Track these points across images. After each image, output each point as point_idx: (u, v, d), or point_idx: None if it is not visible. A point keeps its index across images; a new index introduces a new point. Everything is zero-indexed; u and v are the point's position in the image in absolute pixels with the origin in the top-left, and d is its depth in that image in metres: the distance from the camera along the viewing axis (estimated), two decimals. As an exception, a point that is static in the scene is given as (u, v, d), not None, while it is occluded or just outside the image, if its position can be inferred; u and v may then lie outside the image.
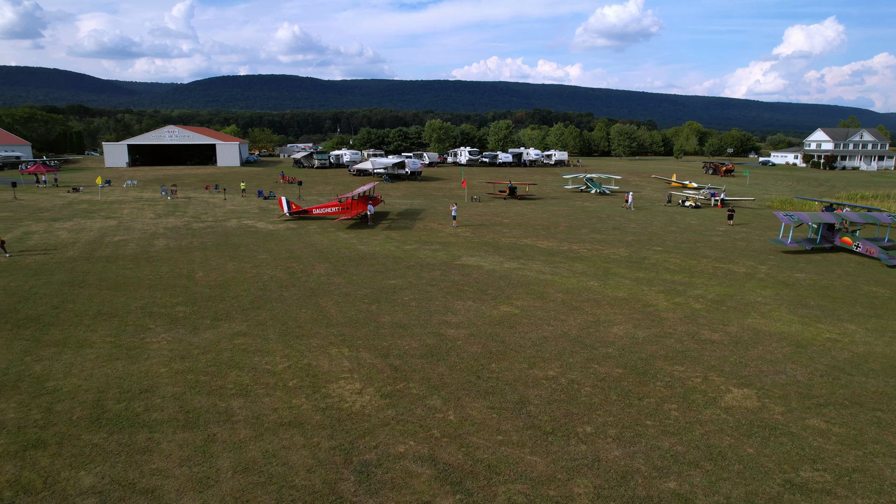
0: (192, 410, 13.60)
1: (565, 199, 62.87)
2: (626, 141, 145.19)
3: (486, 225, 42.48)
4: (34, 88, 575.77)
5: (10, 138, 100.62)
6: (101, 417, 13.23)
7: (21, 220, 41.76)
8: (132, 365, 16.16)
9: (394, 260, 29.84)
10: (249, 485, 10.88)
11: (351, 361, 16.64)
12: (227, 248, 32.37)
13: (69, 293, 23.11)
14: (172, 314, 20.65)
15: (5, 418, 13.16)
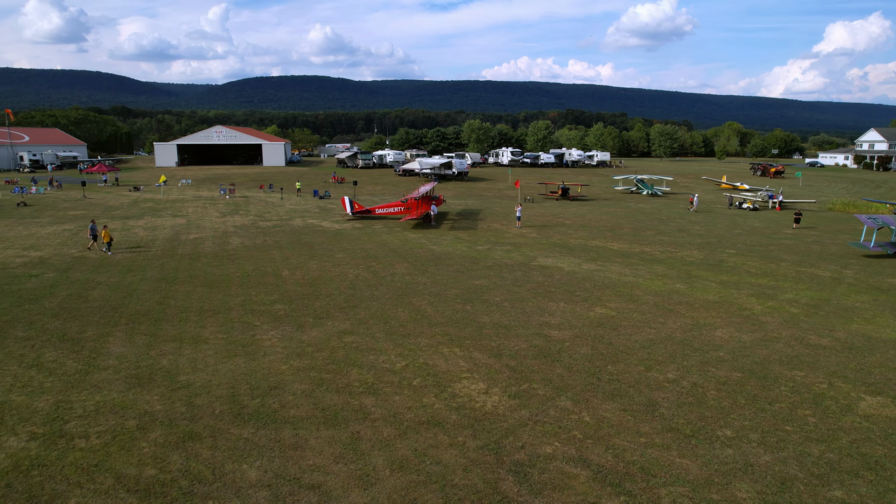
0: (328, 408, 13.76)
1: (618, 200, 62.26)
2: (667, 142, 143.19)
3: (549, 226, 42.28)
4: (78, 91, 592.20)
5: (68, 139, 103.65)
6: (242, 412, 13.47)
7: (97, 218, 42.90)
8: (252, 362, 16.43)
9: (470, 260, 29.87)
10: (411, 483, 10.96)
11: (466, 361, 16.68)
12: (302, 246, 32.79)
13: (167, 290, 23.65)
14: (273, 311, 20.97)
15: (153, 410, 13.50)
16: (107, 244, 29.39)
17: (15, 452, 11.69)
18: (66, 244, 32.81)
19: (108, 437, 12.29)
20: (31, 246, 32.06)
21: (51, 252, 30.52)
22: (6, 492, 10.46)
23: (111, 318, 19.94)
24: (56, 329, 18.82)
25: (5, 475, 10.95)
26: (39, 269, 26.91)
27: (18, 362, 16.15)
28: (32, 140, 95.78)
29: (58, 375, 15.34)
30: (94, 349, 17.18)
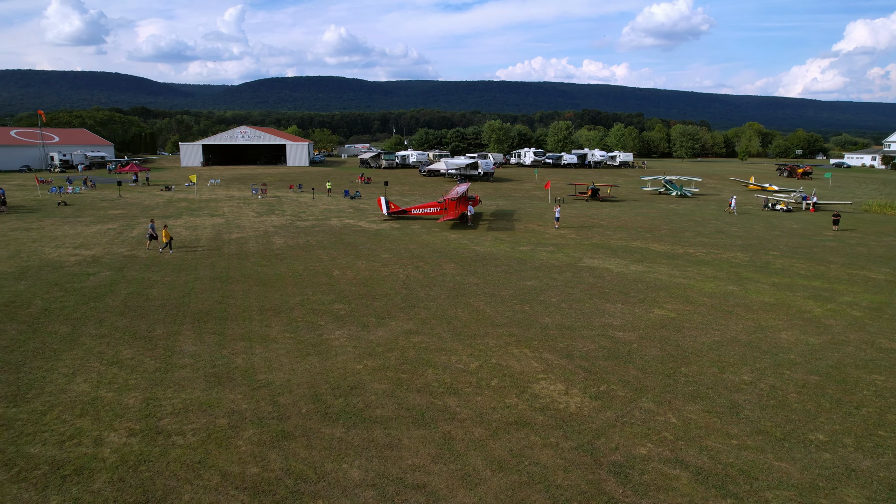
0: (413, 408, 13.80)
1: (648, 201, 61.89)
2: (688, 142, 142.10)
3: (586, 227, 42.12)
4: (97, 92, 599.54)
5: (96, 139, 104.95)
6: (328, 412, 13.55)
7: (135, 217, 43.42)
8: (326, 361, 16.52)
9: (517, 261, 29.83)
10: (515, 483, 10.97)
11: (539, 362, 16.66)
12: (345, 246, 32.93)
13: (224, 289, 23.84)
14: (334, 311, 21.07)
15: (240, 409, 13.62)
16: (166, 243, 29.67)
17: (118, 448, 11.84)
18: (113, 242, 33.19)
19: (203, 435, 12.40)
20: (81, 245, 32.48)
21: (101, 251, 30.89)
22: (120, 486, 10.61)
23: (176, 317, 20.13)
24: (126, 327, 19.04)
25: (115, 469, 11.10)
26: (94, 267, 27.24)
27: (99, 359, 16.36)
28: (62, 140, 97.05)
29: (139, 373, 15.51)
30: (167, 347, 17.36)
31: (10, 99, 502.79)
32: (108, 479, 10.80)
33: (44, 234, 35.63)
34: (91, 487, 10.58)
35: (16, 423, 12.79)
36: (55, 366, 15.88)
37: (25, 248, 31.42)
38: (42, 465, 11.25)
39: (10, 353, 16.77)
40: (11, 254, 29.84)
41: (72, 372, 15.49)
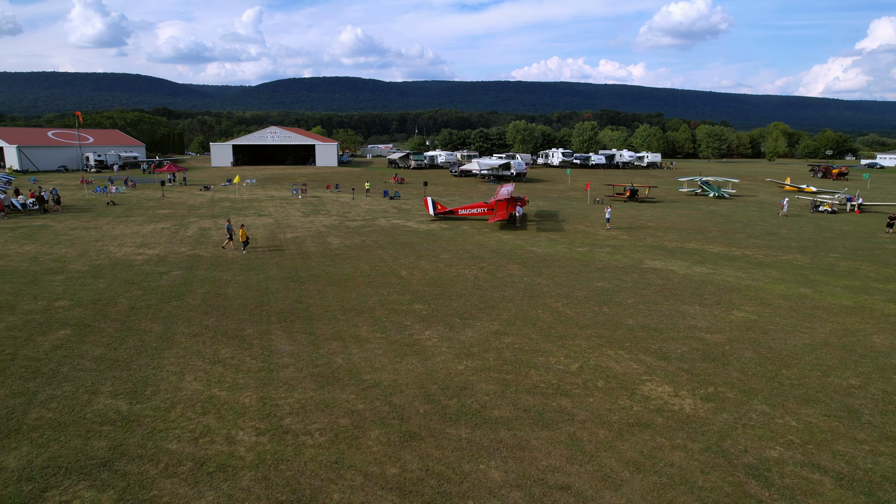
0: (530, 409, 13.80)
1: (687, 202, 61.41)
2: (715, 143, 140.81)
3: (635, 228, 41.88)
4: (119, 93, 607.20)
5: (128, 140, 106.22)
6: (446, 412, 13.58)
7: (185, 216, 43.88)
8: (426, 362, 16.57)
9: (578, 262, 29.73)
10: (657, 485, 10.92)
11: (637, 364, 16.59)
12: (403, 247, 33.01)
13: (297, 288, 24.00)
14: (415, 311, 21.13)
15: (357, 408, 13.70)
16: (243, 243, 29.94)
17: (252, 446, 11.96)
18: (171, 242, 33.55)
19: (330, 435, 12.49)
20: (142, 244, 32.88)
21: (164, 250, 31.23)
22: (266, 483, 10.71)
23: (261, 317, 20.30)
24: (215, 326, 19.22)
25: (256, 468, 11.21)
26: (163, 266, 27.55)
27: (201, 358, 16.53)
28: (96, 141, 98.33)
29: (244, 372, 15.66)
30: (263, 347, 17.50)
31: (35, 100, 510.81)
32: (253, 478, 10.91)
33: (103, 234, 36.12)
34: (239, 485, 10.69)
35: (145, 420, 12.96)
36: (161, 364, 16.06)
37: (91, 246, 31.86)
38: (185, 461, 11.39)
39: (114, 350, 17.00)
40: (80, 252, 30.27)
41: (179, 370, 15.66)
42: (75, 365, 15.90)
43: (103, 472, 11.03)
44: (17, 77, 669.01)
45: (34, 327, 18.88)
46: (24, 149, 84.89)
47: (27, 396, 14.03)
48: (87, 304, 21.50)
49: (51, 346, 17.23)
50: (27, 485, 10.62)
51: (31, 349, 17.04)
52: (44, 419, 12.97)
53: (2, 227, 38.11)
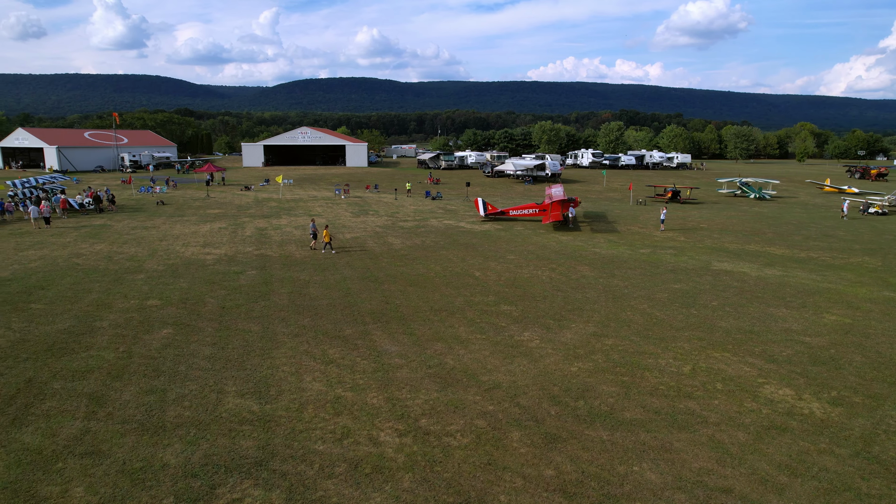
0: (660, 411, 13.72)
1: (729, 203, 60.86)
2: (743, 143, 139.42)
3: (687, 229, 41.57)
4: (139, 94, 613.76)
5: (160, 140, 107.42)
6: (578, 414, 13.54)
7: (236, 216, 44.25)
8: (537, 363, 16.54)
9: (647, 264, 29.56)
10: (820, 490, 10.80)
11: (748, 366, 16.45)
12: (465, 247, 33.02)
13: (378, 288, 24.08)
14: (505, 312, 21.12)
15: (487, 410, 13.70)
16: (327, 243, 30.12)
17: (399, 448, 12.00)
18: (233, 242, 33.80)
19: (472, 437, 12.50)
20: (207, 244, 33.18)
21: (230, 250, 31.49)
22: (428, 485, 10.73)
23: (353, 317, 20.38)
24: (312, 326, 19.34)
25: (410, 469, 11.24)
26: (235, 266, 27.78)
27: (311, 358, 16.64)
28: (130, 142, 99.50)
29: (360, 372, 15.72)
30: (368, 347, 17.58)
31: (59, 101, 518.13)
32: (412, 479, 10.94)
33: (164, 233, 36.51)
34: (401, 486, 10.73)
35: (280, 420, 13.06)
36: (274, 364, 16.18)
37: (157, 246, 32.21)
38: (337, 462, 11.46)
39: (223, 349, 17.16)
40: (150, 252, 30.62)
41: (295, 371, 15.77)
42: (191, 364, 16.07)
43: (261, 471, 11.11)
44: (42, 79, 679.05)
45: (136, 326, 19.12)
46: (63, 149, 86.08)
47: (158, 394, 14.19)
48: (176, 303, 21.72)
49: (160, 345, 17.43)
50: (194, 481, 10.74)
51: (143, 347, 17.25)
52: (183, 417, 13.11)
53: (66, 225, 38.68)
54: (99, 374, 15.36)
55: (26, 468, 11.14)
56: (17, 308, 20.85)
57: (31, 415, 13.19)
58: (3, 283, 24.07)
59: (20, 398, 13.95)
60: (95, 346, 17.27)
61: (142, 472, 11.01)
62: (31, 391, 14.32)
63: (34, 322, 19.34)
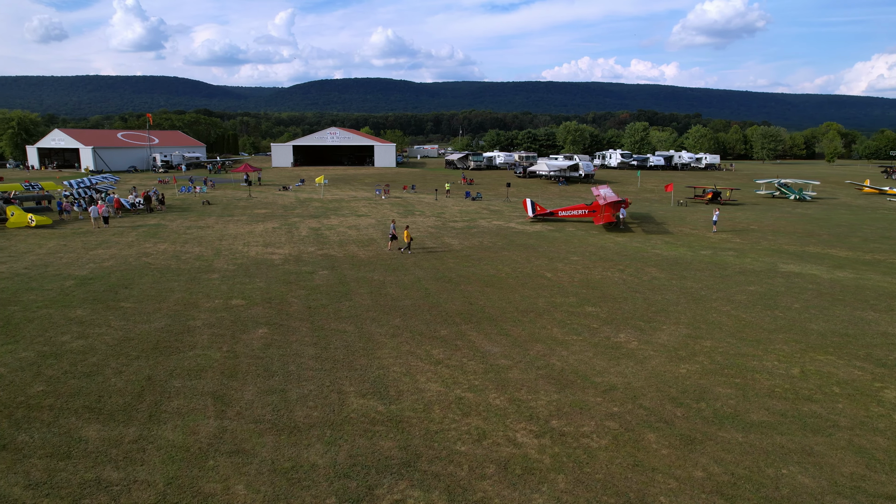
0: (785, 413, 13.62)
1: (770, 204, 60.27)
2: (770, 143, 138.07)
3: (740, 231, 41.22)
4: (157, 95, 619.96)
5: (190, 140, 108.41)
6: (703, 416, 13.46)
7: (285, 216, 44.53)
8: (643, 364, 16.48)
9: (713, 265, 29.36)
10: (983, 496, 10.62)
11: (858, 370, 16.28)
12: (524, 248, 32.99)
13: (455, 289, 24.10)
14: (592, 314, 21.06)
15: (612, 411, 13.66)
16: (407, 244, 30.21)
17: (540, 449, 12.01)
18: (293, 242, 34.00)
19: (609, 438, 12.47)
20: (267, 243, 33.42)
21: (292, 250, 31.68)
22: (585, 486, 10.72)
23: (442, 318, 20.41)
24: (406, 327, 19.40)
25: (560, 470, 11.22)
26: (305, 266, 27.95)
27: (418, 358, 16.69)
28: (161, 142, 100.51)
29: (472, 373, 15.74)
30: (470, 348, 17.60)
31: (80, 103, 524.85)
32: (566, 481, 10.94)
33: (221, 233, 36.83)
34: (558, 487, 10.73)
35: (412, 421, 13.10)
36: (382, 364, 16.25)
37: (219, 245, 32.49)
38: (485, 463, 11.47)
39: (325, 350, 17.26)
40: (214, 252, 30.90)
41: (406, 371, 15.82)
42: (299, 364, 16.18)
43: (412, 472, 11.16)
44: (63, 81, 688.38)
45: (229, 325, 19.29)
46: (98, 150, 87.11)
47: (279, 394, 14.30)
48: (261, 303, 21.89)
49: (261, 345, 17.57)
50: (349, 482, 10.80)
51: (245, 347, 17.40)
52: (313, 418, 13.19)
53: (122, 224, 39.14)
54: (213, 373, 15.50)
55: (181, 465, 11.28)
56: (109, 307, 21.11)
57: (164, 412, 13.34)
58: (86, 282, 24.40)
59: (147, 396, 14.13)
60: (199, 346, 17.44)
61: (294, 472, 11.10)
62: (154, 389, 14.50)
63: (130, 320, 19.58)
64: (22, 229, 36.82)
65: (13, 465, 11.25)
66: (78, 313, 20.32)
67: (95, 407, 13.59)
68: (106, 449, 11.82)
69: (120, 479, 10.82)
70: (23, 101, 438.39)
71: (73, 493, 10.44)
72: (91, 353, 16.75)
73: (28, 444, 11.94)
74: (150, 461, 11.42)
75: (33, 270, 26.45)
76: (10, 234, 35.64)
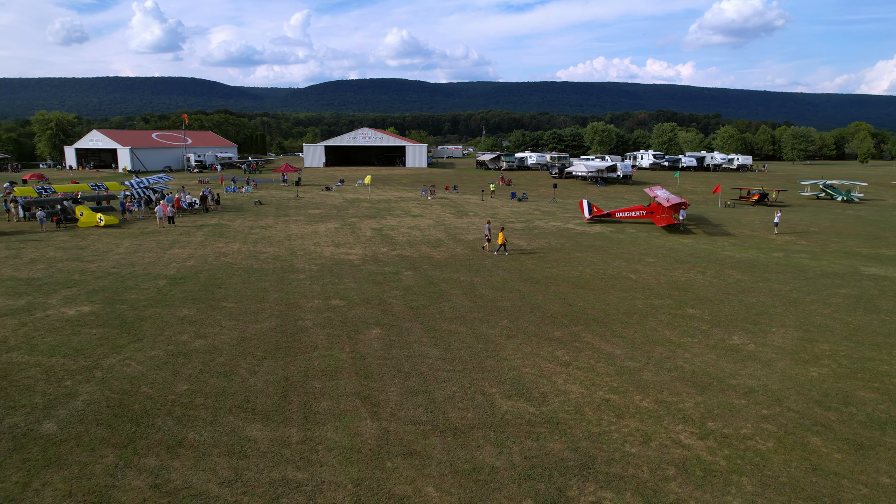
0: (942, 419, 13.42)
1: (819, 206, 59.67)
2: (802, 144, 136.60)
3: (801, 233, 40.83)
4: (175, 96, 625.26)
5: (222, 141, 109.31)
6: (858, 420, 13.34)
7: (341, 217, 44.75)
8: (770, 367, 16.37)
9: (793, 268, 29.13)
10: None
11: None
12: (594, 250, 32.91)
13: (547, 290, 24.10)
14: (695, 316, 20.99)
15: (762, 414, 13.56)
16: (501, 245, 30.25)
17: (710, 451, 11.94)
18: (361, 242, 34.12)
19: (773, 441, 12.41)
20: (337, 244, 33.61)
21: (365, 250, 31.82)
22: (771, 490, 10.65)
23: (550, 319, 20.42)
24: (517, 328, 19.42)
25: (739, 473, 11.16)
26: (386, 266, 28.06)
27: (543, 360, 16.70)
28: (194, 143, 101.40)
29: (605, 375, 15.74)
30: (591, 349, 17.59)
31: (100, 104, 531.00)
32: (752, 483, 10.89)
33: (285, 233, 37.10)
34: (746, 490, 10.68)
35: (569, 422, 13.11)
36: (512, 365, 16.28)
37: (292, 245, 32.71)
38: (664, 465, 11.44)
39: (447, 350, 17.34)
40: (288, 251, 31.15)
41: (539, 372, 15.84)
42: (430, 365, 16.25)
43: (593, 473, 11.16)
44: (84, 82, 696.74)
45: (339, 325, 19.40)
46: (136, 150, 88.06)
47: (424, 395, 14.38)
48: (361, 303, 22.01)
49: (381, 346, 17.66)
50: (535, 483, 10.82)
51: (366, 347, 17.51)
52: (468, 419, 13.24)
53: (185, 224, 39.52)
54: (347, 374, 15.61)
55: (360, 466, 11.36)
56: (212, 306, 21.33)
57: (317, 413, 13.45)
58: (178, 282, 24.66)
59: (292, 396, 14.25)
60: (320, 346, 17.57)
61: (476, 474, 11.14)
62: (296, 390, 14.62)
63: (239, 320, 19.77)
64: (92, 229, 37.32)
65: (197, 462, 11.39)
66: (185, 312, 20.54)
67: (246, 406, 13.73)
68: (278, 449, 11.92)
69: (306, 480, 10.92)
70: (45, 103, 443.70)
71: (268, 491, 10.56)
72: (216, 353, 16.92)
73: (201, 443, 12.09)
74: (327, 462, 11.52)
75: (122, 269, 26.78)
76: (82, 233, 36.13)
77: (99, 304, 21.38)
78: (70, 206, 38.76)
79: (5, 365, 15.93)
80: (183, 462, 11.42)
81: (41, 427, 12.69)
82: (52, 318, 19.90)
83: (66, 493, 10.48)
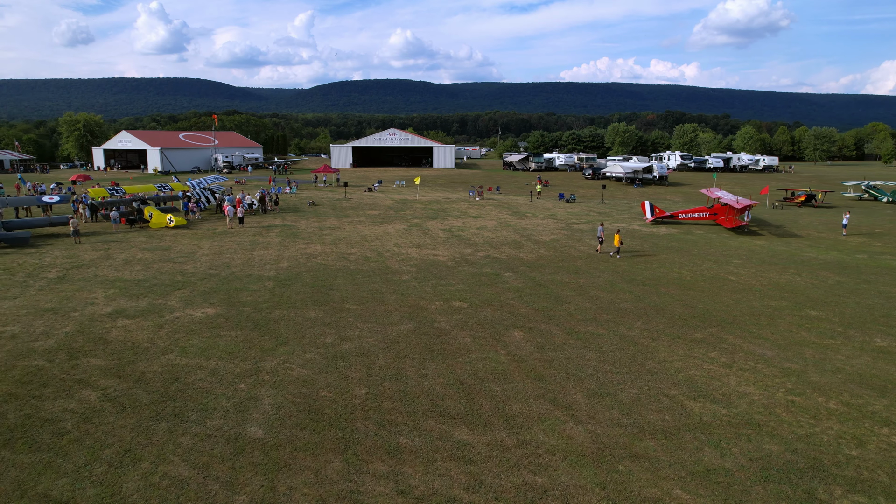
0: None
1: (865, 207, 59.53)
2: (824, 145, 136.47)
3: (868, 235, 40.76)
4: (180, 97, 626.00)
5: (247, 142, 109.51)
6: None
7: (402, 217, 44.75)
8: None
9: (885, 270, 29.15)
10: None
11: None
12: (675, 251, 32.94)
13: (657, 292, 24.12)
14: (819, 317, 21.01)
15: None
16: (617, 248, 30.22)
17: None
18: (437, 243, 34.10)
19: None
20: (416, 245, 33.62)
21: (448, 252, 31.82)
22: None
23: (681, 321, 20.43)
24: (653, 329, 19.45)
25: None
26: (484, 267, 28.04)
27: (702, 361, 16.68)
28: (221, 143, 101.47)
29: (771, 376, 15.80)
30: (742, 350, 17.57)
31: (106, 105, 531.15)
32: None
33: (358, 234, 37.15)
34: None
35: (768, 423, 13.12)
36: (675, 367, 16.30)
37: (373, 246, 32.73)
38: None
39: (600, 352, 17.35)
40: (374, 252, 31.20)
41: (708, 374, 15.86)
42: (595, 368, 16.32)
43: (825, 476, 11.18)
44: (90, 83, 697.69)
45: (476, 327, 19.42)
46: (166, 151, 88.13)
47: (610, 398, 14.37)
48: (482, 304, 22.04)
49: (532, 348, 17.69)
50: (778, 486, 10.82)
51: (518, 349, 17.57)
52: (668, 421, 13.25)
53: (252, 225, 39.53)
54: (520, 375, 15.70)
55: (594, 469, 11.36)
56: (335, 308, 21.38)
57: (515, 416, 13.50)
58: (284, 284, 24.67)
59: (478, 399, 14.30)
60: (471, 349, 17.61)
61: (712, 475, 11.17)
62: (477, 392, 14.65)
63: (372, 322, 19.81)
64: (163, 229, 37.37)
65: (428, 468, 11.40)
66: (313, 315, 20.56)
67: (438, 409, 13.75)
68: (500, 454, 11.92)
69: (549, 484, 10.94)
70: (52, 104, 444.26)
71: (518, 497, 10.55)
72: (371, 356, 16.93)
73: (419, 448, 12.09)
74: (558, 466, 11.53)
75: (220, 271, 26.81)
76: (156, 234, 36.18)
77: (221, 307, 21.39)
78: (139, 207, 38.81)
79: (170, 367, 15.97)
80: (413, 468, 11.42)
81: (247, 430, 12.70)
82: (183, 320, 19.93)
83: (316, 498, 10.49)
